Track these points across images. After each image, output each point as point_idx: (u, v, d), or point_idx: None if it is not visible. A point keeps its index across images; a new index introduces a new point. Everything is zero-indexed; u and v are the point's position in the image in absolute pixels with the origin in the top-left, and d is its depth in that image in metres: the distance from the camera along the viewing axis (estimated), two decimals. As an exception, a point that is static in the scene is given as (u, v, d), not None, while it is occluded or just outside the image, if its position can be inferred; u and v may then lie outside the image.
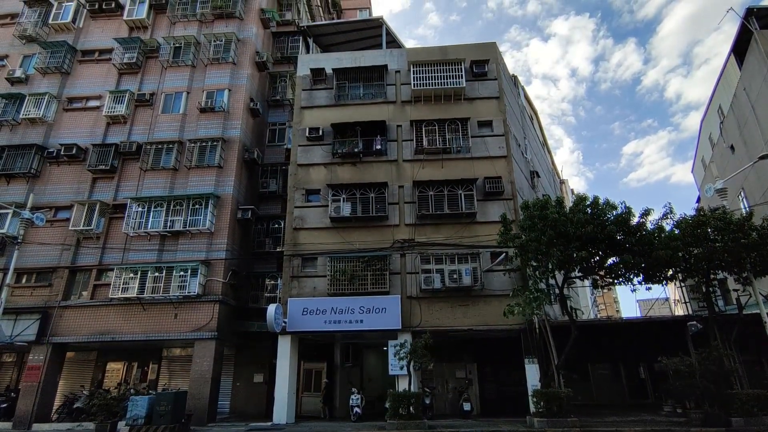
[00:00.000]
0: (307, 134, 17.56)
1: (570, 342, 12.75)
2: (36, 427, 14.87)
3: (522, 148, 19.93)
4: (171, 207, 17.08)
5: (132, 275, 16.25)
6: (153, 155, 18.31)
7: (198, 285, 15.84)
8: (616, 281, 13.10)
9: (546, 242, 12.33)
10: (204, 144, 18.29)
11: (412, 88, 17.80)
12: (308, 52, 21.69)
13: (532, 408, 12.93)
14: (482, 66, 18.33)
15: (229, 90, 19.33)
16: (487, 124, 17.59)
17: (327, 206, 16.42)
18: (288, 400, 14.33)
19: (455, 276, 15.20)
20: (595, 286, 14.24)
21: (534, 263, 13.14)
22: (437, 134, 17.31)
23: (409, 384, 13.31)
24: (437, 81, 17.78)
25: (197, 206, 17.02)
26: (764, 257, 12.40)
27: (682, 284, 16.99)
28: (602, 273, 13.40)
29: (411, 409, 12.56)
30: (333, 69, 18.66)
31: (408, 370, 13.37)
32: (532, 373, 13.94)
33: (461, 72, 17.83)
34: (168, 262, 16.35)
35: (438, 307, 15.12)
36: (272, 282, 18.21)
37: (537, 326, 14.33)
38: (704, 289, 13.43)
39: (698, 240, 12.65)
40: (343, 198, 16.44)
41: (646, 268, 12.79)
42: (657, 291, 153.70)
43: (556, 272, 13.25)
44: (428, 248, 15.68)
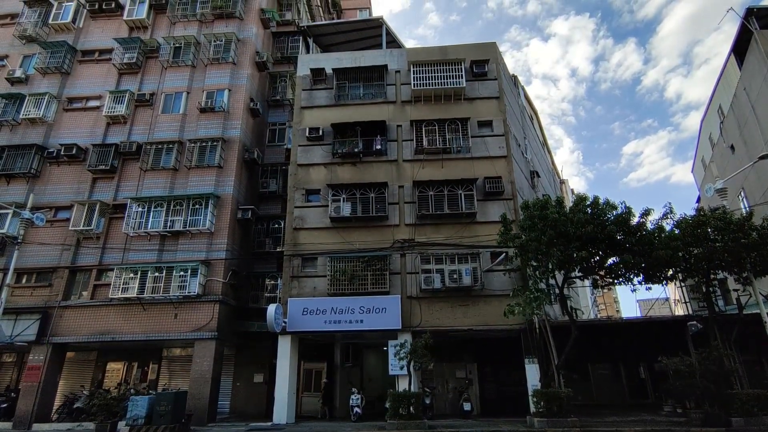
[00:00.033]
0: (307, 134, 17.57)
1: (570, 342, 12.75)
2: (36, 427, 14.87)
3: (522, 148, 19.93)
4: (171, 207, 17.09)
5: (132, 275, 16.26)
6: (153, 155, 18.32)
7: (198, 285, 15.84)
8: (616, 281, 13.11)
9: (546, 242, 12.33)
10: (204, 144, 18.30)
11: (412, 88, 17.81)
12: (308, 52, 21.69)
13: (532, 408, 12.93)
14: (482, 66, 18.34)
15: (229, 90, 19.33)
16: (487, 124, 17.60)
17: (327, 206, 16.42)
18: (288, 400, 14.33)
19: (455, 276, 15.20)
20: (595, 286, 14.23)
21: (534, 263, 13.14)
22: (437, 134, 17.31)
23: (409, 384, 13.31)
24: (437, 81, 17.78)
25: (197, 206, 17.02)
26: (764, 257, 12.39)
27: (682, 284, 16.99)
28: (602, 273, 13.40)
29: (411, 409, 12.56)
30: (333, 69, 18.67)
31: (408, 370, 13.37)
32: (532, 373, 13.94)
33: (461, 72, 17.83)
34: (168, 262, 16.36)
35: (438, 307, 15.12)
36: (272, 282, 18.21)
37: (537, 326, 14.34)
38: (704, 289, 13.43)
39: (698, 240, 12.65)
40: (343, 198, 16.45)
41: (646, 268, 12.79)
42: (657, 291, 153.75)
43: (556, 272, 13.25)
44: (428, 248, 15.68)
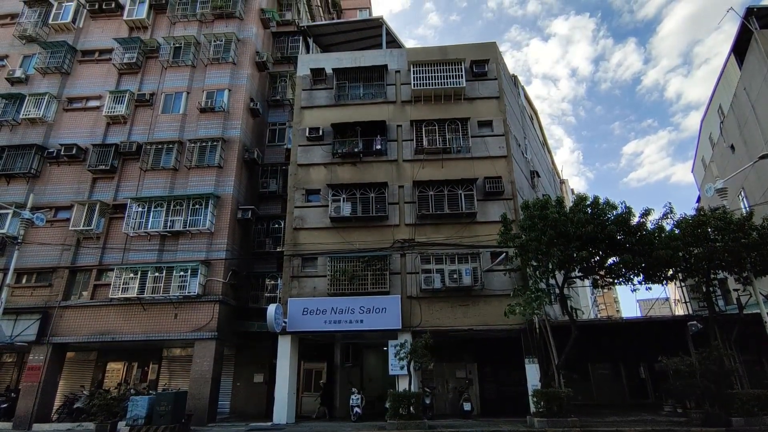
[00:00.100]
0: (307, 134, 17.57)
1: (570, 342, 12.75)
2: (36, 427, 14.87)
3: (522, 148, 19.93)
4: (171, 207, 17.09)
5: (132, 275, 16.26)
6: (153, 155, 18.32)
7: (198, 285, 15.84)
8: (617, 281, 13.11)
9: (546, 242, 12.33)
10: (204, 144, 18.30)
11: (412, 88, 17.80)
12: (308, 52, 21.69)
13: (533, 408, 12.92)
14: (482, 66, 18.33)
15: (229, 90, 19.33)
16: (487, 124, 17.60)
17: (327, 206, 16.42)
18: (288, 400, 14.33)
19: (455, 276, 15.19)
20: (596, 286, 14.24)
21: (534, 263, 13.15)
22: (437, 134, 17.31)
23: (410, 384, 13.31)
24: (437, 81, 17.78)
25: (197, 206, 17.02)
26: (764, 257, 12.39)
27: (683, 284, 17.01)
28: (602, 273, 13.41)
29: (411, 409, 12.56)
30: (333, 69, 18.67)
31: (408, 370, 13.37)
32: (533, 373, 13.94)
33: (461, 72, 17.83)
34: (168, 262, 16.36)
35: (438, 307, 15.12)
36: (272, 282, 18.21)
37: (537, 326, 14.33)
38: (704, 289, 13.43)
39: (698, 240, 12.64)
40: (343, 198, 16.44)
41: (647, 268, 12.79)
42: (657, 291, 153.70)
43: (556, 272, 13.24)
44: (428, 248, 15.68)
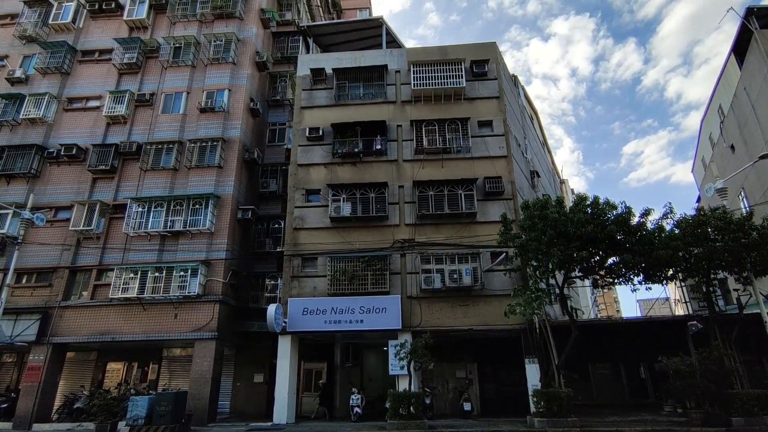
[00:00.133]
0: (307, 134, 17.56)
1: (570, 342, 12.75)
2: (36, 427, 14.87)
3: (522, 148, 19.93)
4: (171, 207, 17.08)
5: (132, 275, 16.26)
6: (153, 155, 18.32)
7: (198, 285, 15.84)
8: (617, 281, 13.11)
9: (546, 242, 12.33)
10: (204, 144, 18.30)
11: (412, 88, 17.80)
12: (308, 52, 21.69)
13: (533, 408, 12.92)
14: (482, 66, 18.33)
15: (229, 90, 19.33)
16: (487, 124, 17.60)
17: (327, 206, 16.42)
18: (288, 400, 14.33)
19: (455, 276, 15.19)
20: (596, 286, 14.24)
21: (534, 263, 13.14)
22: (437, 134, 17.31)
23: (410, 384, 13.31)
24: (437, 81, 17.78)
25: (197, 206, 17.02)
26: (764, 257, 12.39)
27: (683, 284, 17.02)
28: (602, 273, 13.40)
29: (411, 409, 12.56)
30: (333, 69, 18.67)
31: (408, 370, 13.37)
32: (533, 373, 13.94)
33: (461, 72, 17.83)
34: (168, 262, 16.36)
35: (438, 307, 15.11)
36: (272, 282, 18.21)
37: (537, 326, 14.33)
38: (704, 289, 13.43)
39: (698, 240, 12.64)
40: (343, 198, 16.44)
41: (647, 268, 12.79)
42: (657, 291, 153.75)
43: (557, 272, 13.24)
44: (428, 248, 15.68)
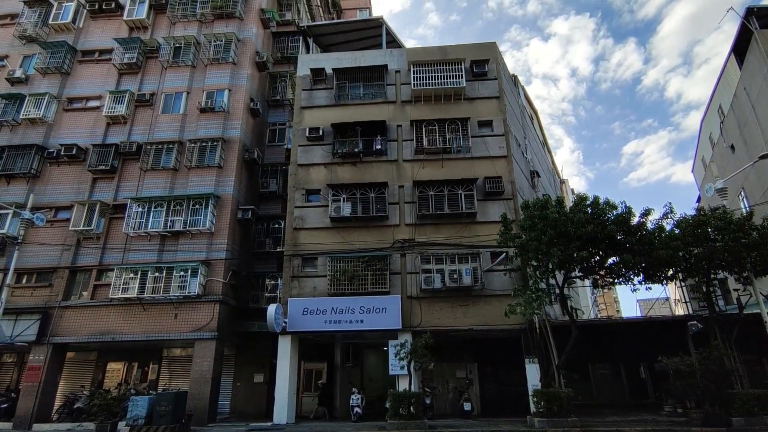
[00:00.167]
0: (307, 134, 17.57)
1: (570, 342, 12.75)
2: (36, 428, 14.87)
3: (522, 148, 19.93)
4: (171, 207, 17.08)
5: (132, 275, 16.26)
6: (153, 155, 18.32)
7: (198, 285, 15.84)
8: (617, 281, 13.12)
9: (546, 242, 12.33)
10: (204, 144, 18.30)
11: (412, 88, 17.80)
12: (308, 52, 21.70)
13: (533, 408, 12.92)
14: (482, 66, 18.34)
15: (229, 90, 19.33)
16: (487, 124, 17.60)
17: (327, 206, 16.42)
18: (288, 400, 14.33)
19: (455, 276, 15.19)
20: (596, 286, 14.24)
21: (534, 263, 13.14)
22: (437, 134, 17.31)
23: (410, 384, 13.31)
24: (437, 81, 17.78)
25: (197, 206, 17.02)
26: (765, 257, 12.39)
27: (683, 284, 17.01)
28: (602, 273, 13.40)
29: (411, 409, 12.56)
30: (333, 69, 18.67)
31: (408, 370, 13.37)
32: (533, 373, 13.94)
33: (461, 72, 17.83)
34: (168, 262, 16.36)
35: (438, 307, 15.12)
36: (272, 282, 18.21)
37: (537, 326, 14.33)
38: (705, 289, 13.43)
39: (698, 240, 12.64)
40: (344, 198, 16.44)
41: (647, 268, 12.80)
42: (657, 291, 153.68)
43: (557, 272, 13.24)
44: (428, 248, 15.68)
